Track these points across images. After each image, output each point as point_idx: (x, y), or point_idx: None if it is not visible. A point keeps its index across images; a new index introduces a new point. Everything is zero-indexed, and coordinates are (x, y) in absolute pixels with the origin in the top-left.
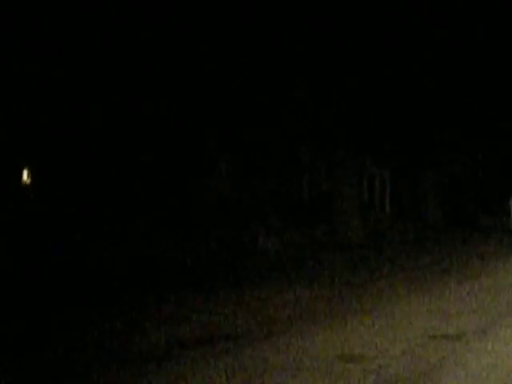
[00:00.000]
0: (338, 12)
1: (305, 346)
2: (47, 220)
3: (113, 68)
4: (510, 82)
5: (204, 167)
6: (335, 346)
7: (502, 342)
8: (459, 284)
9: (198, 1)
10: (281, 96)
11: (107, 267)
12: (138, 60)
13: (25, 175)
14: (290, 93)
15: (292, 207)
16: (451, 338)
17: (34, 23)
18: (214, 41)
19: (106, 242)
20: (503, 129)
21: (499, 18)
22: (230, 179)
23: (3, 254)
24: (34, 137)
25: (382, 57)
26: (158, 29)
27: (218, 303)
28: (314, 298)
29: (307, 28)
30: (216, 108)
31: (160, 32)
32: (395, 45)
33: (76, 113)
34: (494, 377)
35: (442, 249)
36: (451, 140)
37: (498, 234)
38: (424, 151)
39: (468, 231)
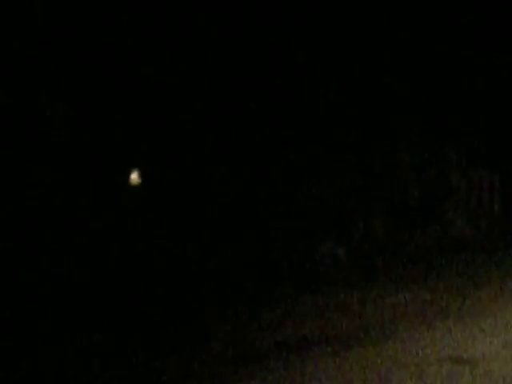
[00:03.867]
0: None
1: (412, 347)
2: (154, 221)
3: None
4: None
5: (304, 170)
6: (443, 349)
7: None
8: None
9: None
10: (385, 94)
11: (208, 269)
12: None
13: (134, 176)
14: (395, 91)
15: (399, 209)
16: None
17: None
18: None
19: (207, 244)
20: None
21: None
22: (331, 181)
23: (115, 253)
24: (144, 138)
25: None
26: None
27: (319, 306)
28: (422, 300)
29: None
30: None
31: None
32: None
33: (184, 114)
34: None
35: None
36: None
37: None
38: None
39: None
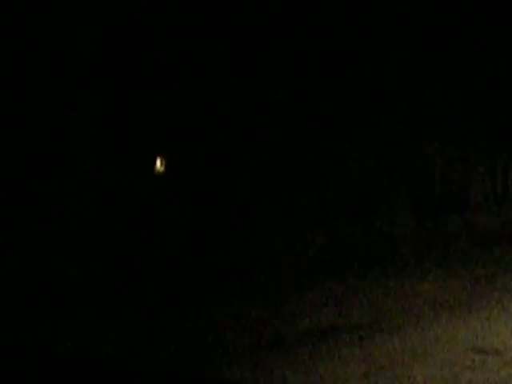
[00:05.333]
0: None
1: (436, 337)
2: (178, 209)
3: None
4: None
5: (333, 156)
6: (467, 338)
7: None
8: None
9: None
10: (414, 92)
11: (239, 258)
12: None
13: (158, 164)
14: (424, 90)
15: (423, 199)
16: None
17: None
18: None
19: (237, 232)
20: None
21: None
22: (359, 170)
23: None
24: (169, 125)
25: None
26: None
27: (344, 293)
28: (445, 289)
29: None
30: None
31: None
32: None
33: (211, 103)
34: None
35: None
36: None
37: None
38: None
39: None
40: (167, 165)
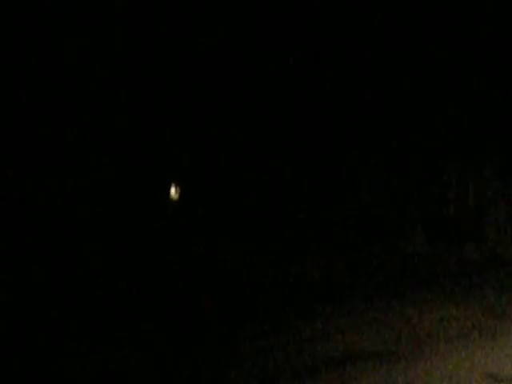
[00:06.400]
0: None
1: (452, 364)
2: (191, 236)
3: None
4: None
5: (345, 180)
6: (483, 365)
7: None
8: None
9: None
10: (429, 114)
11: (249, 281)
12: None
13: (172, 191)
14: (439, 111)
15: (438, 223)
16: None
17: None
18: None
19: (249, 256)
20: None
21: None
22: (372, 194)
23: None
24: (183, 152)
25: None
26: None
27: (363, 320)
28: (463, 316)
29: None
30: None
31: None
32: None
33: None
34: None
35: None
36: None
37: None
38: None
39: None
40: (182, 193)
